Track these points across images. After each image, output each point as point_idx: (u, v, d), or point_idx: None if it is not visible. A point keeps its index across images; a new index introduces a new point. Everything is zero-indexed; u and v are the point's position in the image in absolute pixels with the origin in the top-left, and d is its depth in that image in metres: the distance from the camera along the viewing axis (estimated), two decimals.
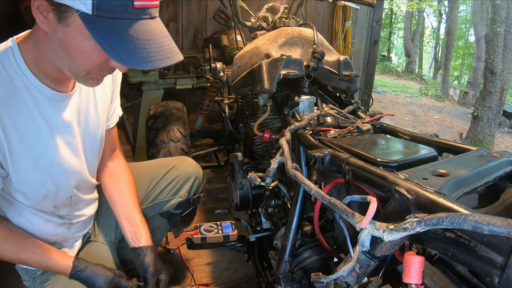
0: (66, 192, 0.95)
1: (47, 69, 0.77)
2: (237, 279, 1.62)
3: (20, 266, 0.98)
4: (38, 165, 0.83)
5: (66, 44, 0.67)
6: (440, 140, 0.89)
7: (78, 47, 0.67)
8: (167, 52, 0.69)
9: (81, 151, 0.95)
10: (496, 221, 0.39)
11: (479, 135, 5.88)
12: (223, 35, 2.58)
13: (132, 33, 0.64)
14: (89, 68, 0.72)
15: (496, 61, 5.61)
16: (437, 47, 18.60)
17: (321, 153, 0.76)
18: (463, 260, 0.47)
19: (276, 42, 1.22)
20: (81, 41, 0.66)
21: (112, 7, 0.62)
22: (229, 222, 1.21)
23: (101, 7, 0.61)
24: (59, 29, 0.65)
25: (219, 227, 1.17)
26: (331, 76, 1.29)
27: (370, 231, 0.53)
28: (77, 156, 0.94)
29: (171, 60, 0.69)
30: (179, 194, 1.32)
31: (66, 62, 0.71)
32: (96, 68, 0.73)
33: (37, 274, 0.98)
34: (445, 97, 11.13)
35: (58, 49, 0.69)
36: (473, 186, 0.62)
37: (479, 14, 11.06)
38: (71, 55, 0.69)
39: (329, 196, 0.63)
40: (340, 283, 0.62)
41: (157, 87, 2.69)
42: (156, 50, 0.66)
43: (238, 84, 1.33)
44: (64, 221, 0.97)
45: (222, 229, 1.17)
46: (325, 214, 0.99)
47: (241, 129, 1.69)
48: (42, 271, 0.98)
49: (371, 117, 1.10)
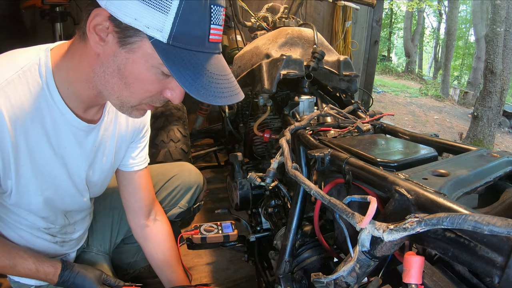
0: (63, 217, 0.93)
1: (80, 91, 0.71)
2: (237, 279, 1.62)
3: (13, 280, 0.96)
4: (44, 192, 0.79)
5: (126, 71, 0.62)
6: (440, 140, 0.89)
7: (140, 75, 0.62)
8: (235, 88, 0.67)
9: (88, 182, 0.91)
10: (496, 221, 0.39)
11: (479, 135, 5.88)
12: (223, 35, 2.58)
13: (208, 67, 0.61)
14: (143, 98, 0.67)
15: (496, 61, 5.61)
16: (437, 47, 18.61)
17: (321, 153, 0.76)
18: (463, 260, 0.47)
19: (276, 42, 1.22)
20: (144, 69, 0.61)
21: (191, 38, 0.58)
22: (229, 222, 1.21)
23: (179, 37, 0.57)
24: (121, 54, 0.60)
25: (219, 227, 1.17)
26: (331, 76, 1.29)
27: (370, 231, 0.53)
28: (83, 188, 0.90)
29: (238, 96, 0.67)
30: (179, 205, 1.31)
31: (118, 90, 0.65)
32: (150, 99, 0.68)
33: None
34: (445, 97, 11.14)
35: (113, 75, 0.63)
36: (473, 186, 0.62)
37: (479, 14, 11.06)
38: (128, 83, 0.63)
39: (329, 196, 0.63)
40: (340, 283, 0.62)
41: None
42: (227, 85, 0.65)
43: (238, 84, 1.33)
44: (56, 239, 0.95)
45: (222, 229, 1.17)
46: (325, 214, 0.99)
47: (241, 129, 1.69)
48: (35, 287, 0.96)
49: (371, 117, 1.10)
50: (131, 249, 1.38)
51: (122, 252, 1.34)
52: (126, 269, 1.40)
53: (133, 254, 1.40)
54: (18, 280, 0.95)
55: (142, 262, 1.46)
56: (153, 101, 0.69)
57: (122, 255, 1.34)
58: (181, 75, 0.58)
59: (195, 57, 0.60)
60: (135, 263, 1.42)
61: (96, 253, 1.12)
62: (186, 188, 1.30)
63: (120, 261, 1.29)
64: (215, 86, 0.62)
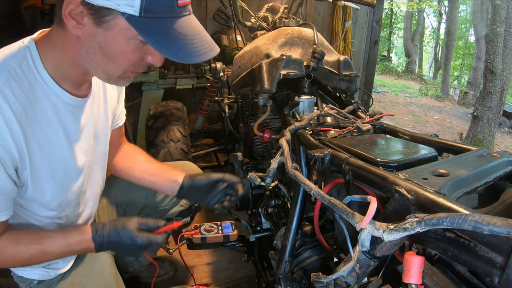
0: (76, 200, 0.93)
1: (70, 73, 0.76)
2: (237, 279, 1.62)
3: (16, 274, 0.96)
4: (54, 175, 0.81)
5: (106, 47, 0.67)
6: (440, 140, 0.89)
7: (120, 49, 0.67)
8: (210, 44, 0.71)
9: (93, 156, 0.94)
10: (496, 221, 0.39)
11: (479, 135, 5.88)
12: (223, 35, 2.58)
13: (180, 30, 0.66)
14: (126, 67, 0.72)
15: (496, 61, 5.61)
16: (437, 47, 18.60)
17: (321, 153, 0.76)
18: (463, 260, 0.47)
19: (276, 42, 1.22)
20: (124, 43, 0.66)
21: (160, 7, 0.63)
22: (229, 222, 1.21)
23: (149, 8, 0.61)
24: (99, 33, 0.65)
25: (219, 227, 1.17)
26: (331, 76, 1.29)
27: (370, 231, 0.53)
28: (90, 162, 0.92)
29: (214, 52, 0.71)
30: (180, 203, 1.32)
31: (103, 65, 0.71)
32: (133, 66, 0.73)
33: (33, 284, 0.96)
34: (445, 97, 11.13)
35: (95, 53, 0.68)
36: (473, 186, 0.62)
37: (479, 14, 11.06)
38: (111, 58, 0.69)
39: (329, 196, 0.63)
40: (340, 283, 0.62)
41: (157, 87, 2.69)
42: (201, 44, 0.69)
43: (238, 84, 1.33)
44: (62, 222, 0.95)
45: (222, 229, 1.16)
46: (325, 214, 0.99)
47: (241, 129, 1.69)
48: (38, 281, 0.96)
49: (371, 117, 1.10)
50: None
51: None
52: (127, 268, 1.40)
53: None
54: (21, 275, 0.95)
55: (143, 261, 1.46)
56: (137, 68, 0.75)
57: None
58: (158, 43, 0.63)
59: (167, 24, 0.65)
60: (135, 262, 1.43)
61: None
62: None
63: (120, 259, 1.29)
64: (190, 46, 0.67)
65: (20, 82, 0.70)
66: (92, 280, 1.01)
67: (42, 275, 0.95)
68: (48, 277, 0.96)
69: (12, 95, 0.68)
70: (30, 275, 0.95)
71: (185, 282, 1.58)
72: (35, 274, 0.95)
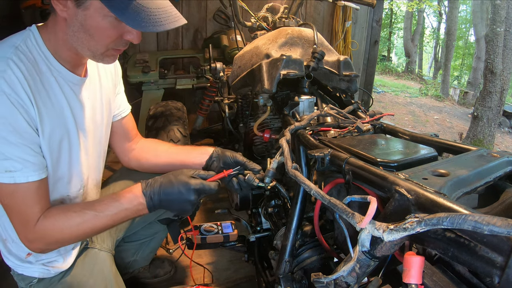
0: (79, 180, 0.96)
1: (65, 54, 0.85)
2: (237, 279, 1.62)
3: (17, 273, 0.96)
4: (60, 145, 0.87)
5: (86, 25, 0.76)
6: (440, 140, 0.89)
7: (98, 25, 0.76)
8: (174, 17, 0.79)
9: (92, 139, 0.98)
10: (496, 221, 0.39)
11: (479, 135, 5.88)
12: (223, 35, 2.58)
13: (144, 4, 0.74)
14: (107, 43, 0.79)
15: (496, 61, 5.61)
16: (437, 47, 18.60)
17: (321, 153, 0.76)
18: (463, 260, 0.47)
19: (276, 42, 1.22)
20: (100, 20, 0.75)
21: None
22: (229, 222, 1.21)
23: None
24: (79, 13, 0.74)
25: (219, 227, 1.17)
26: (331, 76, 1.29)
27: (370, 231, 0.53)
28: (88, 139, 0.97)
29: (179, 22, 0.79)
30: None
31: (86, 42, 0.79)
32: (113, 43, 0.80)
33: (33, 282, 0.96)
34: (445, 97, 11.14)
35: (79, 32, 0.77)
36: (473, 186, 0.62)
37: (479, 14, 11.06)
38: (91, 34, 0.77)
39: (329, 196, 0.63)
40: (340, 283, 0.62)
41: (157, 87, 2.69)
42: (165, 16, 0.77)
43: (238, 84, 1.33)
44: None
45: (222, 229, 1.16)
46: (325, 214, 0.99)
47: (241, 129, 1.69)
48: (39, 279, 0.96)
49: (371, 117, 1.10)
50: (131, 248, 1.39)
51: (122, 250, 1.35)
52: (126, 268, 1.40)
53: (133, 253, 1.40)
54: (21, 273, 0.96)
55: (142, 262, 1.46)
56: (117, 45, 0.82)
57: (122, 254, 1.35)
58: (124, 15, 0.72)
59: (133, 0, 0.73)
60: (134, 262, 1.43)
61: (99, 249, 1.13)
62: None
63: (120, 259, 1.29)
64: (154, 17, 0.74)
65: (26, 55, 0.79)
66: (92, 279, 1.01)
67: (42, 273, 0.95)
68: (48, 275, 0.96)
69: (22, 64, 0.77)
70: (31, 273, 0.95)
71: (185, 282, 1.58)
72: (36, 272, 0.95)
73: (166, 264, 1.63)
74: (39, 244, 0.83)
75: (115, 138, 1.16)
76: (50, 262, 0.96)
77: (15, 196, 0.78)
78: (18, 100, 0.74)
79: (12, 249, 0.93)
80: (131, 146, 1.18)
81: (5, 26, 2.40)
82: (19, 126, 0.75)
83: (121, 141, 1.17)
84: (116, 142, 1.17)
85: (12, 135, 0.74)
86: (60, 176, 0.90)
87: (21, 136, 0.76)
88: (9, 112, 0.74)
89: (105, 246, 1.16)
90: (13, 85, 0.74)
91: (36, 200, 0.80)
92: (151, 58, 2.75)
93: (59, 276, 0.98)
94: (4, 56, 0.75)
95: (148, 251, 1.44)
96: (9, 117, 0.74)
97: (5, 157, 0.74)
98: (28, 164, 0.77)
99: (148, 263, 1.52)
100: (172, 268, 1.63)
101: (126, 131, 1.17)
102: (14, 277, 0.99)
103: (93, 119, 0.98)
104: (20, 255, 0.93)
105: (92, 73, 0.98)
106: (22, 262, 0.94)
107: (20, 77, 0.75)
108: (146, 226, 1.34)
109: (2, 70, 0.73)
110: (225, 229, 1.17)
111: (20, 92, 0.75)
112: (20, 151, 0.76)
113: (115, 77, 1.11)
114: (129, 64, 2.65)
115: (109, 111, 1.07)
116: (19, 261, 0.94)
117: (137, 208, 0.87)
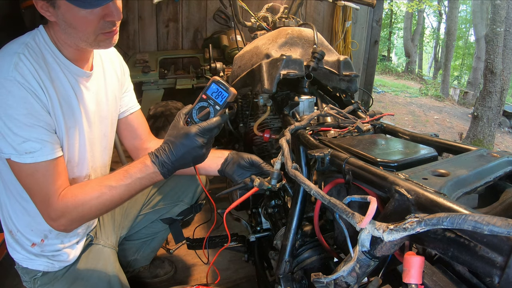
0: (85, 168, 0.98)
1: (68, 50, 0.91)
2: (237, 279, 1.62)
3: (21, 266, 0.98)
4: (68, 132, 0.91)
5: (68, 21, 0.81)
6: (440, 140, 0.88)
7: (75, 18, 0.81)
8: None
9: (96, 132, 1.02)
10: (496, 221, 0.39)
11: (479, 135, 5.88)
12: (223, 35, 2.58)
13: None
14: (93, 30, 0.83)
15: (496, 61, 5.61)
16: (437, 47, 18.60)
17: (321, 153, 0.76)
18: (463, 260, 0.46)
19: (276, 42, 1.22)
20: (73, 12, 0.80)
21: None
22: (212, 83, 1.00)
23: None
24: (59, 13, 0.81)
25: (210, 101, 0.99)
26: (331, 76, 1.29)
27: (370, 231, 0.53)
28: (93, 131, 1.00)
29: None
30: (181, 202, 1.32)
31: (76, 35, 0.84)
32: (99, 28, 0.84)
33: (38, 276, 0.98)
34: (445, 97, 11.13)
35: (66, 28, 0.83)
36: (473, 186, 0.62)
37: (479, 14, 11.06)
38: (75, 27, 0.82)
39: (329, 196, 0.63)
40: (340, 283, 0.62)
41: (157, 87, 2.69)
42: None
43: (238, 84, 1.33)
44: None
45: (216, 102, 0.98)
46: (325, 214, 0.99)
47: (241, 129, 1.68)
48: (43, 273, 0.97)
49: (371, 117, 1.10)
50: (132, 247, 1.39)
51: (124, 249, 1.35)
52: (127, 267, 1.41)
53: (134, 252, 1.41)
54: (26, 266, 0.97)
55: (143, 261, 1.47)
56: (103, 28, 0.85)
57: (123, 252, 1.35)
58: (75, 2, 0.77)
59: None
60: (135, 261, 1.43)
61: (103, 245, 1.14)
62: (188, 185, 1.31)
63: (121, 258, 1.30)
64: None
65: (35, 50, 0.85)
66: (96, 275, 1.02)
67: (47, 267, 0.97)
68: (52, 268, 0.98)
69: (31, 57, 0.83)
70: (35, 266, 0.97)
71: (185, 282, 1.58)
72: (40, 265, 0.97)
73: (166, 264, 1.63)
74: (62, 220, 0.85)
75: (124, 134, 1.19)
76: (54, 256, 0.97)
77: (36, 176, 0.82)
78: (31, 88, 0.81)
79: (18, 240, 0.96)
80: (142, 145, 1.20)
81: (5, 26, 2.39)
82: (33, 109, 0.81)
83: (130, 138, 1.19)
84: (126, 139, 1.20)
85: (28, 118, 0.80)
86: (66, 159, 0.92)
87: (36, 118, 0.81)
88: (23, 97, 0.79)
89: (109, 242, 1.17)
90: (25, 75, 0.80)
91: (56, 177, 0.84)
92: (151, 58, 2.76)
93: (63, 271, 0.99)
94: (16, 51, 0.82)
95: (149, 251, 1.44)
96: (24, 102, 0.80)
97: (24, 139, 0.79)
98: (46, 144, 0.82)
99: (149, 263, 1.53)
100: (172, 268, 1.63)
101: (135, 128, 1.19)
102: (19, 271, 1.00)
103: (98, 112, 1.02)
104: (26, 245, 0.96)
105: (97, 69, 1.02)
106: (28, 253, 0.96)
107: (31, 68, 0.82)
108: (148, 225, 1.34)
109: (15, 63, 0.80)
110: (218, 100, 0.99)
111: (32, 81, 0.81)
112: (37, 132, 0.81)
113: (121, 76, 1.14)
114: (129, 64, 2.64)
115: (115, 107, 1.10)
116: (24, 252, 0.96)
117: (150, 176, 0.86)
